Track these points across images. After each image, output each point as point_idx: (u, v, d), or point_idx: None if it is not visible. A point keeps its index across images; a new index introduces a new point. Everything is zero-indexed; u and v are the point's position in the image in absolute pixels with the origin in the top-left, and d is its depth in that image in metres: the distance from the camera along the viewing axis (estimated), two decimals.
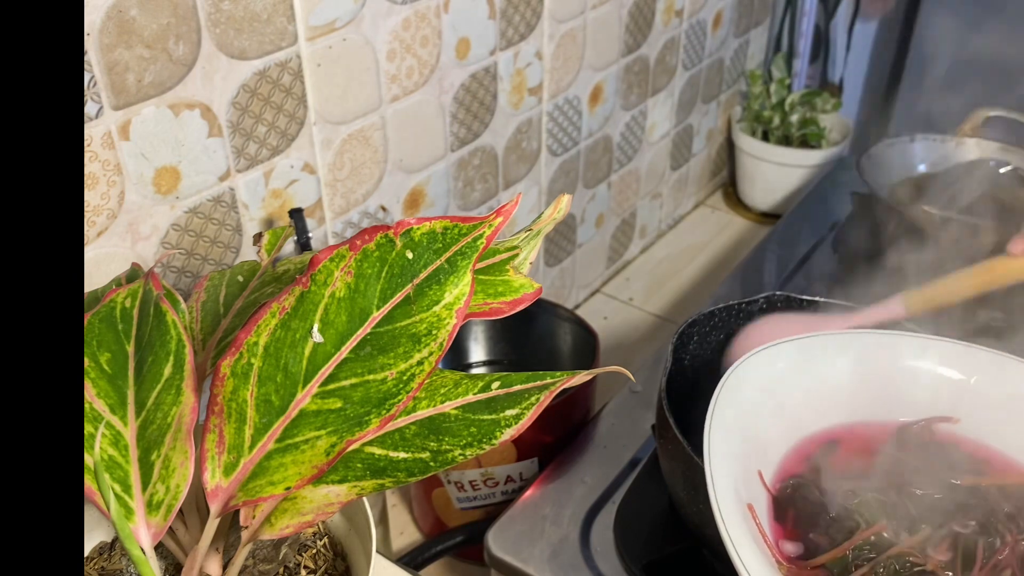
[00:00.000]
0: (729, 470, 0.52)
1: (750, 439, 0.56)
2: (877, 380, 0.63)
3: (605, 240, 1.44)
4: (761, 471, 0.56)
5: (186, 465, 0.39)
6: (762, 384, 0.59)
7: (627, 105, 1.32)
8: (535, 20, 1.04)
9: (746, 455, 0.55)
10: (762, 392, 0.59)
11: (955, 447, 0.61)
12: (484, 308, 0.42)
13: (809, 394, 0.61)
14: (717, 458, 0.51)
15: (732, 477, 0.52)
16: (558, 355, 1.05)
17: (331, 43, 0.80)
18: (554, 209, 0.46)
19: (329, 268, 0.39)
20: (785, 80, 1.58)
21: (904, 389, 0.63)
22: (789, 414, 0.60)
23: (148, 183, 0.70)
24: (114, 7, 0.62)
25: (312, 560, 0.48)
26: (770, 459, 0.58)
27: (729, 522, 0.48)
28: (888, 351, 0.64)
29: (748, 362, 0.59)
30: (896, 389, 0.63)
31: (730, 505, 0.49)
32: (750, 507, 0.52)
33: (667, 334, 1.35)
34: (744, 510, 0.51)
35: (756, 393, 0.58)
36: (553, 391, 0.39)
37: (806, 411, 0.61)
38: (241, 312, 0.49)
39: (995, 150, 1.15)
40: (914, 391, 0.63)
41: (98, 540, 0.50)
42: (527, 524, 0.78)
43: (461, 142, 1.02)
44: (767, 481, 0.56)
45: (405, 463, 0.38)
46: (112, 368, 0.42)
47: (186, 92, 0.70)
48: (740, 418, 0.56)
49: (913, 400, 0.63)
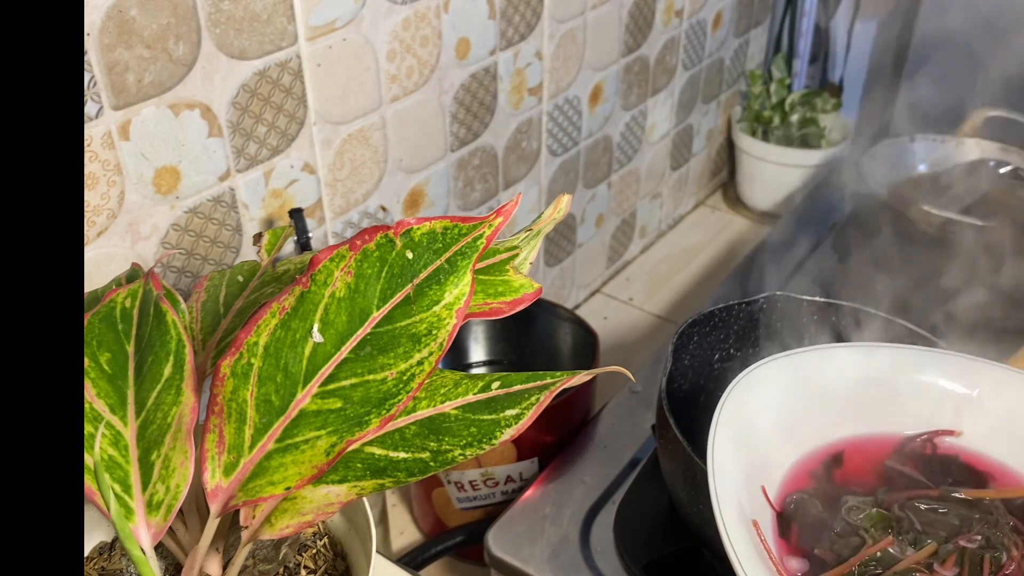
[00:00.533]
0: (733, 486, 0.51)
1: (753, 455, 0.56)
2: (880, 393, 0.63)
3: (605, 240, 1.44)
4: (765, 487, 0.56)
5: (186, 465, 0.39)
6: (764, 399, 0.59)
7: (627, 105, 1.32)
8: (535, 20, 1.04)
9: (749, 471, 0.55)
10: (764, 407, 0.58)
11: (958, 460, 0.61)
12: (484, 308, 0.42)
13: (811, 408, 0.61)
14: (720, 474, 0.51)
15: (736, 493, 0.51)
16: (558, 355, 1.05)
17: (331, 43, 0.80)
18: (554, 209, 0.46)
19: (329, 268, 0.39)
20: (785, 80, 1.58)
21: (907, 402, 0.63)
22: (792, 429, 0.60)
23: (148, 183, 0.70)
24: (114, 7, 0.62)
25: (312, 560, 0.48)
26: (773, 475, 0.58)
27: (735, 539, 0.47)
28: (891, 364, 0.63)
29: (749, 377, 0.59)
30: (899, 402, 0.63)
31: (735, 522, 0.49)
32: (755, 523, 0.51)
33: (667, 334, 1.35)
34: (749, 526, 0.51)
35: (758, 408, 0.58)
36: (553, 391, 0.39)
37: (809, 425, 0.61)
38: (241, 312, 0.49)
39: (995, 150, 1.15)
40: (917, 404, 0.63)
41: (98, 540, 0.50)
42: (527, 524, 0.78)
43: (461, 142, 1.02)
44: (771, 497, 0.56)
45: (405, 463, 0.38)
46: (112, 368, 0.42)
47: (186, 92, 0.70)
48: (742, 433, 0.55)
49: (916, 413, 0.63)
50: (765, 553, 0.51)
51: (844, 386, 0.62)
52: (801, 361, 0.62)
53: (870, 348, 0.65)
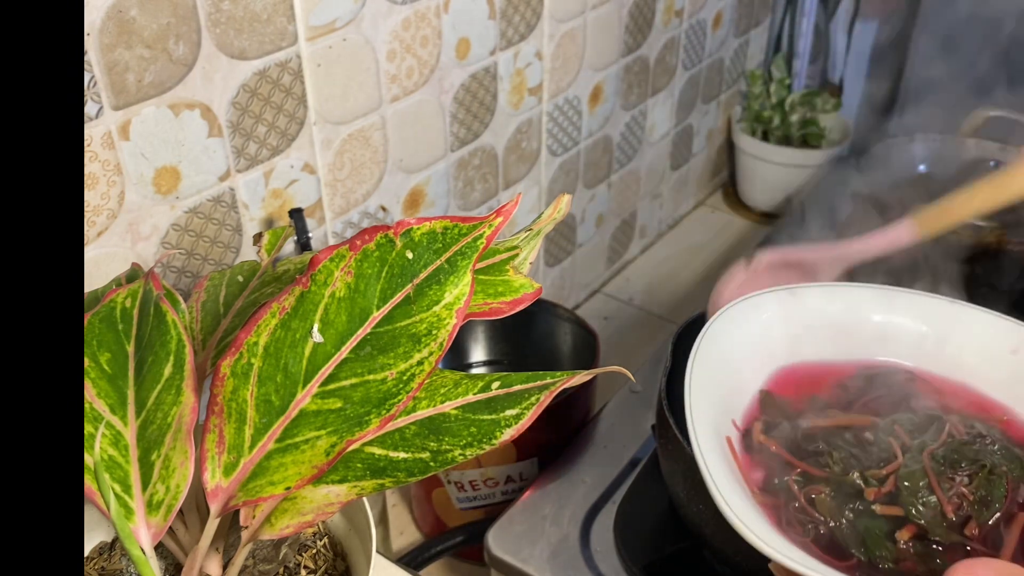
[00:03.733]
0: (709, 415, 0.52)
1: (726, 389, 0.57)
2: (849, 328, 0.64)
3: (605, 240, 1.44)
4: (735, 419, 0.57)
5: (186, 465, 0.39)
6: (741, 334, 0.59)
7: (627, 105, 1.32)
8: (535, 20, 1.04)
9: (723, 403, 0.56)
10: (740, 342, 0.59)
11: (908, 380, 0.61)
12: (484, 308, 0.42)
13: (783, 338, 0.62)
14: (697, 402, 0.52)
15: (712, 421, 0.52)
16: (558, 355, 1.05)
17: (331, 43, 0.80)
18: (554, 209, 0.46)
19: (329, 268, 0.39)
20: (785, 80, 1.58)
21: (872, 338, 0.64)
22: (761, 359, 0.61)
23: (148, 183, 0.70)
24: (114, 7, 0.62)
25: (312, 560, 0.48)
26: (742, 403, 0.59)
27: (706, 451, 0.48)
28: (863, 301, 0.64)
29: (724, 315, 0.60)
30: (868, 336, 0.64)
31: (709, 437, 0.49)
32: (728, 440, 0.52)
33: (667, 334, 1.35)
34: (723, 442, 0.52)
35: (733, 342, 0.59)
36: (553, 391, 0.39)
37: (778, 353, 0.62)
38: (241, 312, 0.49)
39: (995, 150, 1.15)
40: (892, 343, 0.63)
41: (98, 540, 0.50)
42: (527, 524, 0.78)
43: (461, 142, 1.02)
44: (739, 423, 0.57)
45: (405, 463, 0.38)
46: (112, 368, 0.42)
47: (186, 92, 0.70)
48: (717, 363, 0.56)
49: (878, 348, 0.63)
50: (735, 465, 0.51)
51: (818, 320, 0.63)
52: (776, 299, 0.62)
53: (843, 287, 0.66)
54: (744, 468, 0.53)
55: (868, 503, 0.52)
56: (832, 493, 0.53)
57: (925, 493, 0.52)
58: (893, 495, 0.53)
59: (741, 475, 0.51)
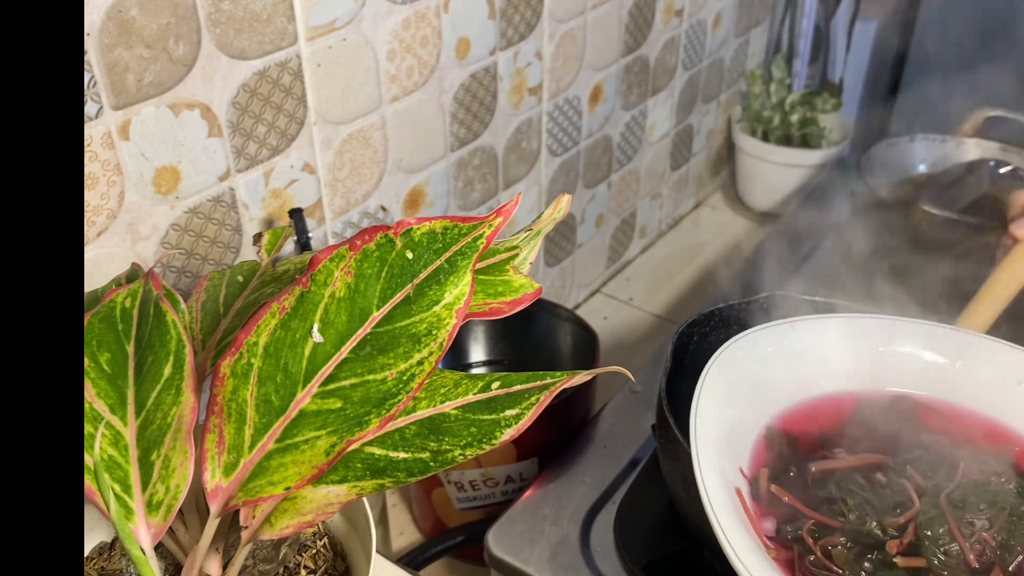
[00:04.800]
0: (715, 456, 0.52)
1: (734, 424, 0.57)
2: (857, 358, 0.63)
3: (605, 240, 1.44)
4: (742, 467, 0.56)
5: (186, 465, 0.39)
6: (744, 371, 0.59)
7: (627, 105, 1.32)
8: (535, 20, 1.04)
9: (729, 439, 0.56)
10: (743, 379, 0.59)
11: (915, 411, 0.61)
12: (484, 308, 0.42)
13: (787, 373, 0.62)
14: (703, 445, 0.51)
15: (718, 462, 0.52)
16: (558, 355, 1.05)
17: (331, 43, 0.80)
18: (554, 209, 0.46)
19: (329, 268, 0.39)
20: (785, 80, 1.58)
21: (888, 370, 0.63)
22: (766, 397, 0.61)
23: (148, 183, 0.70)
24: (114, 7, 0.62)
25: (312, 560, 0.48)
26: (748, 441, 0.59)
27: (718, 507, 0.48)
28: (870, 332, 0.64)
29: (730, 348, 0.59)
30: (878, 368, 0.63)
31: (718, 490, 0.49)
32: (738, 491, 0.52)
33: (667, 334, 1.35)
34: (732, 494, 0.51)
35: (737, 380, 0.58)
36: (553, 391, 0.39)
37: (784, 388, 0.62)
38: (241, 312, 0.49)
39: (995, 150, 1.15)
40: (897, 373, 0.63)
41: (98, 540, 0.50)
42: (527, 524, 0.78)
43: (461, 142, 1.02)
44: (746, 465, 0.57)
45: (405, 463, 0.38)
46: (112, 368, 0.42)
47: (186, 92, 0.70)
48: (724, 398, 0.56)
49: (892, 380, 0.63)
50: (748, 521, 0.51)
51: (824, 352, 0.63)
52: (781, 331, 0.62)
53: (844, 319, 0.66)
54: (755, 520, 0.52)
55: (889, 555, 0.51)
56: (849, 544, 0.52)
57: (946, 541, 0.51)
58: (914, 545, 0.51)
59: (753, 529, 0.50)
